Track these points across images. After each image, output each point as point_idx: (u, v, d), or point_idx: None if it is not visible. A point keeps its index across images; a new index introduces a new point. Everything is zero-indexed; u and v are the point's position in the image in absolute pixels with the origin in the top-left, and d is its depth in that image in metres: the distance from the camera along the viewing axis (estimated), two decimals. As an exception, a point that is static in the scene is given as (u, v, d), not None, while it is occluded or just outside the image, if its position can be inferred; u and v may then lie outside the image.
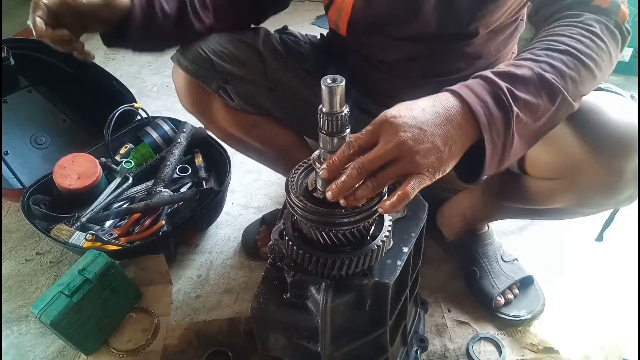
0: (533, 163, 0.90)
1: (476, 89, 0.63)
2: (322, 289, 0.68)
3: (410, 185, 0.59)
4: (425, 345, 1.05)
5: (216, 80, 1.05)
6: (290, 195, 0.65)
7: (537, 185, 0.94)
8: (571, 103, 0.68)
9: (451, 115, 0.61)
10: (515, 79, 0.64)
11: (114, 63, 2.53)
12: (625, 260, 1.28)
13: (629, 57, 1.99)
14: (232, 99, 1.08)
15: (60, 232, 1.30)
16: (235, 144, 1.27)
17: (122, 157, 1.57)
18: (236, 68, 1.06)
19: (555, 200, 0.93)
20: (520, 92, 0.63)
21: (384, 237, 0.69)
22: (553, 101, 0.66)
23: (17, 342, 1.20)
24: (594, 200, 0.86)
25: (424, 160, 0.59)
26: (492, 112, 0.62)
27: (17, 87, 1.67)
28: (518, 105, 0.63)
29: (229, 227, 1.50)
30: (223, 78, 1.05)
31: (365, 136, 0.60)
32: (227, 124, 1.15)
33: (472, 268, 1.20)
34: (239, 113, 1.12)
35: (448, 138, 0.60)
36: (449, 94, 0.63)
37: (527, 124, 0.65)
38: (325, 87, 0.56)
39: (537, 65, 0.66)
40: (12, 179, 1.55)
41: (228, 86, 1.06)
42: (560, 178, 0.87)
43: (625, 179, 0.79)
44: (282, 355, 0.83)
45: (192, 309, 1.25)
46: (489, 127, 0.61)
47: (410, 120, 0.59)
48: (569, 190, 0.87)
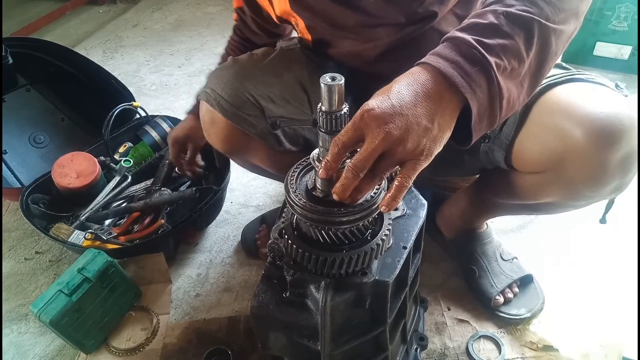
0: (519, 157, 0.91)
1: (444, 52, 0.62)
2: (322, 287, 0.68)
3: (405, 175, 0.59)
4: (425, 344, 1.05)
5: (266, 128, 0.96)
6: (290, 194, 0.65)
7: (525, 180, 0.94)
8: (553, 27, 0.64)
9: (428, 89, 0.60)
10: (481, 27, 0.62)
11: (113, 62, 2.53)
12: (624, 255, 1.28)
13: (628, 55, 1.99)
14: (279, 144, 0.99)
15: (59, 230, 1.30)
16: (257, 172, 1.21)
17: (121, 155, 1.57)
18: (284, 109, 0.97)
19: (544, 195, 0.92)
20: (490, 39, 0.61)
21: (384, 236, 0.69)
22: (530, 33, 0.63)
23: (17, 341, 1.20)
24: (580, 192, 0.86)
25: (415, 145, 0.58)
26: (467, 70, 0.60)
27: (16, 86, 1.67)
28: (492, 53, 0.61)
29: (228, 225, 1.50)
30: (273, 124, 0.96)
31: (347, 133, 0.59)
32: (266, 165, 1.07)
33: (471, 267, 1.20)
34: (281, 155, 1.03)
35: (433, 114, 0.59)
36: (420, 68, 0.62)
37: (512, 67, 0.63)
38: (324, 85, 0.56)
39: (501, 4, 0.64)
40: (11, 178, 1.54)
41: (277, 131, 0.97)
42: (546, 172, 0.87)
43: (609, 170, 0.79)
44: (282, 353, 0.83)
45: (192, 307, 1.25)
46: (470, 87, 0.60)
47: (390, 109, 0.58)
48: (555, 183, 0.87)
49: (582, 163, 0.79)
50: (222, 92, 0.94)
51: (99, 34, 2.86)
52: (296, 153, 1.04)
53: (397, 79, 0.62)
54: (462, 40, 0.62)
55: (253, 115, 0.95)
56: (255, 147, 1.01)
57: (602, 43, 2.02)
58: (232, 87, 0.94)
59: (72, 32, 2.90)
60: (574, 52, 2.10)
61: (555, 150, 0.81)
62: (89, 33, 2.88)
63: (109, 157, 1.53)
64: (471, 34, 0.62)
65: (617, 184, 0.83)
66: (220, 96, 0.94)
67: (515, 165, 0.93)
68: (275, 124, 0.96)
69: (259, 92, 0.95)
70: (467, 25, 0.64)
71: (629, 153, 0.78)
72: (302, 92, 1.01)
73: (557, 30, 0.66)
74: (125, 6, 3.20)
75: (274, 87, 0.97)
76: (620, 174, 0.80)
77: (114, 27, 2.94)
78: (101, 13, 3.15)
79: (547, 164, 0.85)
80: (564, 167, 0.82)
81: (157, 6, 3.16)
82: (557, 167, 0.83)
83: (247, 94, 0.94)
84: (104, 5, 3.22)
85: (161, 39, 2.75)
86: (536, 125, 0.85)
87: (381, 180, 0.60)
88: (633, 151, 0.78)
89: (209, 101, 0.96)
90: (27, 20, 2.74)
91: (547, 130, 0.82)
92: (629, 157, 0.78)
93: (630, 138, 0.76)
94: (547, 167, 0.85)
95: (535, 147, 0.85)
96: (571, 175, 0.82)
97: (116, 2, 3.25)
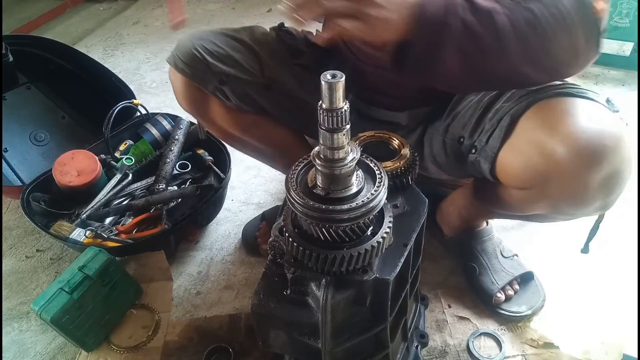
0: (503, 172, 0.90)
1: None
2: (323, 285, 0.68)
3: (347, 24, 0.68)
4: (425, 341, 1.05)
5: (213, 82, 1.05)
6: (291, 192, 0.65)
7: (512, 194, 0.95)
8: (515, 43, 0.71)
9: None
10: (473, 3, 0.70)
11: (113, 59, 2.53)
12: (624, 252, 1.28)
13: (630, 51, 1.98)
14: (229, 99, 1.08)
15: (60, 228, 1.30)
16: (234, 142, 1.27)
17: (121, 153, 1.57)
18: (232, 68, 1.05)
19: (530, 208, 0.93)
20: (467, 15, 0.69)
21: (384, 234, 0.69)
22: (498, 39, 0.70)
23: (18, 339, 1.21)
24: (564, 209, 0.86)
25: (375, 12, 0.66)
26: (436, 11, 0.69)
27: (16, 83, 1.67)
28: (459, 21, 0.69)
29: (229, 223, 1.50)
30: (219, 79, 1.04)
31: None
32: (226, 124, 1.14)
33: (472, 264, 1.20)
34: (236, 113, 1.11)
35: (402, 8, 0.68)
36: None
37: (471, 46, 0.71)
38: (325, 83, 0.56)
39: None
40: (12, 176, 1.55)
41: (225, 87, 1.05)
42: (531, 188, 0.86)
43: (591, 190, 0.79)
44: (283, 351, 0.83)
45: (193, 305, 1.26)
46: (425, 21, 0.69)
47: None
48: (540, 199, 0.87)
49: (564, 182, 0.79)
50: (177, 51, 1.05)
51: (100, 31, 2.86)
52: (254, 114, 1.13)
53: None
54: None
55: (200, 70, 1.04)
56: (212, 104, 1.11)
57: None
58: (184, 45, 1.04)
59: (72, 29, 2.90)
60: (575, 49, 2.09)
61: (537, 167, 0.81)
62: (90, 30, 2.87)
63: (110, 155, 1.53)
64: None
65: (601, 204, 0.83)
66: (176, 55, 1.05)
67: (500, 179, 0.92)
68: (222, 79, 1.05)
69: (206, 49, 1.03)
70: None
71: (611, 173, 0.77)
72: (254, 59, 1.08)
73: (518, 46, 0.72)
74: (126, 3, 3.20)
75: (223, 47, 1.05)
76: (602, 194, 0.80)
77: (115, 24, 2.93)
78: (101, 10, 3.15)
79: (530, 180, 0.84)
80: (546, 184, 0.82)
81: (157, 3, 3.15)
82: (540, 185, 0.83)
83: (195, 51, 1.03)
84: (104, 3, 3.22)
85: (162, 36, 2.74)
86: (521, 140, 0.85)
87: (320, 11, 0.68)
88: (616, 172, 0.77)
89: (169, 61, 1.07)
90: (27, 17, 2.75)
91: (531, 146, 0.81)
92: (612, 178, 0.78)
93: (612, 159, 0.75)
94: (530, 183, 0.85)
95: (519, 162, 0.84)
96: (554, 194, 0.82)
97: (116, 0, 3.24)
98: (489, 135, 0.90)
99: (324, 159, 0.62)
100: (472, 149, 0.95)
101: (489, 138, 0.90)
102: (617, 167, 0.77)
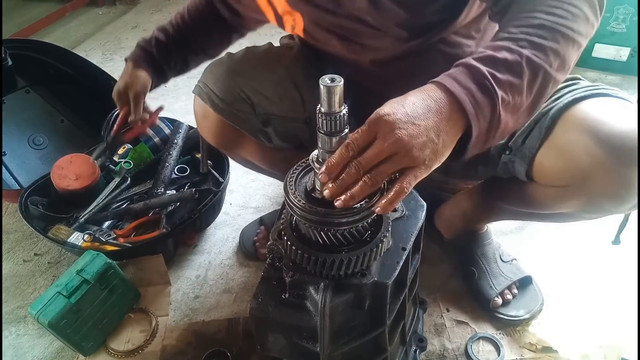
0: (542, 171, 0.90)
1: (460, 77, 0.64)
2: (321, 288, 0.68)
3: (406, 180, 0.60)
4: (424, 345, 1.05)
5: (256, 124, 0.97)
6: (289, 196, 0.66)
7: (544, 192, 0.94)
8: (554, 76, 0.68)
9: (441, 107, 0.62)
10: (496, 62, 0.65)
11: (112, 63, 2.53)
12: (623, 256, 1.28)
13: (627, 56, 1.99)
14: (270, 141, 1.01)
15: (58, 231, 1.30)
16: (254, 169, 1.22)
17: (120, 157, 1.56)
18: (276, 107, 0.98)
19: (561, 206, 0.93)
20: (502, 74, 0.64)
21: (383, 237, 0.69)
22: (535, 77, 0.66)
23: (15, 343, 1.20)
24: (601, 206, 0.86)
25: (420, 154, 0.60)
26: (477, 98, 0.62)
27: (15, 87, 1.67)
28: (501, 87, 0.64)
29: (227, 227, 1.50)
30: (263, 120, 0.97)
31: (362, 136, 0.60)
32: (257, 160, 1.09)
33: (471, 268, 1.20)
34: (271, 150, 1.05)
35: (440, 130, 0.61)
36: (435, 86, 0.64)
37: (514, 104, 0.66)
38: (324, 86, 0.56)
39: (515, 44, 0.66)
40: (10, 180, 1.54)
41: (268, 128, 0.98)
42: (569, 186, 0.87)
43: (633, 187, 0.79)
44: (281, 355, 0.83)
45: (191, 309, 1.25)
46: (476, 114, 0.62)
47: (404, 116, 0.60)
48: (576, 196, 0.87)
49: (607, 180, 0.80)
50: (213, 87, 0.97)
51: (99, 35, 2.86)
52: (288, 150, 1.06)
53: (411, 92, 0.64)
54: (476, 69, 0.64)
55: (244, 111, 0.96)
56: (246, 143, 1.04)
57: (600, 45, 2.02)
58: (223, 82, 0.96)
59: (71, 33, 2.90)
60: (572, 54, 2.10)
61: (579, 166, 0.81)
62: (89, 35, 2.88)
63: (108, 159, 1.53)
64: (486, 65, 0.64)
65: (637, 201, 0.83)
66: (212, 91, 0.96)
67: (535, 178, 0.93)
68: (266, 120, 0.98)
69: (250, 88, 0.96)
70: (483, 56, 0.66)
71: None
72: (295, 91, 1.02)
73: (556, 79, 0.69)
74: (125, 8, 3.20)
75: (266, 83, 0.98)
76: None
77: (114, 28, 2.94)
78: (100, 15, 3.15)
79: (570, 179, 0.85)
80: (588, 182, 0.82)
81: (156, 8, 3.16)
82: (581, 183, 0.83)
83: (239, 90, 0.96)
84: (104, 7, 3.22)
85: (160, 40, 2.75)
86: (561, 140, 0.85)
87: (376, 186, 0.61)
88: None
89: (201, 95, 0.98)
90: (26, 22, 2.74)
91: (572, 145, 0.82)
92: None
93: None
94: (570, 182, 0.86)
95: (560, 162, 0.85)
96: (595, 190, 0.83)
97: (115, 4, 3.25)
98: (525, 136, 0.90)
99: (322, 162, 0.62)
100: (505, 150, 0.95)
101: (525, 139, 0.91)
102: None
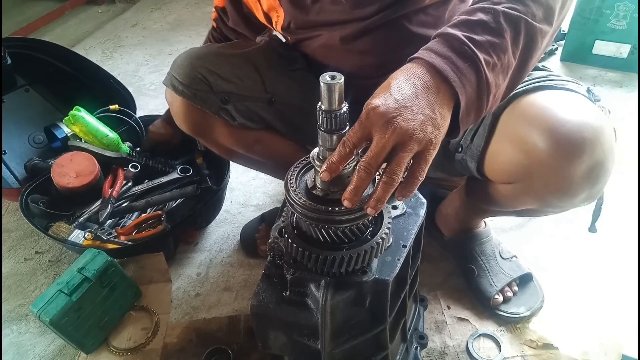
0: (490, 168, 0.91)
1: (437, 48, 0.64)
2: (322, 286, 0.68)
3: (418, 167, 0.60)
4: (424, 342, 1.05)
5: (216, 102, 1.02)
6: (290, 193, 0.66)
7: (499, 190, 0.95)
8: (539, 27, 0.67)
9: (426, 82, 0.62)
10: (471, 24, 0.64)
11: (112, 62, 2.52)
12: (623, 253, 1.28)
13: (627, 53, 1.99)
14: (233, 119, 1.05)
15: (59, 229, 1.30)
16: (237, 159, 1.25)
17: None
18: (234, 86, 1.03)
19: (519, 203, 0.93)
20: (479, 35, 0.63)
21: (384, 234, 0.69)
22: (518, 32, 0.65)
23: (17, 341, 1.20)
24: (552, 202, 0.86)
25: (424, 134, 0.59)
26: (459, 65, 0.62)
27: (15, 86, 1.67)
28: (481, 49, 0.63)
29: (228, 225, 1.50)
30: (222, 99, 1.02)
31: (357, 133, 0.60)
32: (230, 143, 1.12)
33: (470, 266, 1.20)
34: (240, 131, 1.09)
35: (433, 103, 0.61)
36: (414, 63, 0.64)
37: (501, 64, 0.65)
38: (324, 84, 0.56)
39: (490, 2, 0.66)
40: (11, 178, 1.54)
41: (228, 106, 1.03)
42: (516, 183, 0.87)
43: (575, 182, 0.79)
44: (282, 352, 0.83)
45: (192, 307, 1.25)
46: (460, 81, 0.62)
47: (394, 103, 0.59)
48: (526, 193, 0.87)
49: (548, 175, 0.79)
50: (175, 73, 1.02)
51: (98, 33, 2.86)
52: (256, 130, 1.10)
53: (392, 76, 0.63)
54: (453, 36, 0.64)
55: (202, 91, 1.01)
56: (215, 125, 1.07)
57: (600, 41, 2.02)
58: (182, 66, 1.02)
59: (70, 32, 2.90)
60: (572, 51, 2.10)
61: (521, 162, 0.81)
62: (88, 33, 2.87)
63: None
64: (462, 30, 0.64)
65: (587, 194, 0.83)
66: (174, 77, 1.02)
67: (487, 176, 0.93)
68: (225, 99, 1.02)
69: (206, 69, 1.01)
70: (458, 22, 0.66)
71: (594, 165, 0.77)
72: (255, 73, 1.06)
73: (543, 29, 0.67)
74: (124, 6, 3.20)
75: (224, 66, 1.03)
76: (588, 185, 0.80)
77: (113, 27, 2.93)
78: (100, 13, 3.15)
79: (515, 175, 0.85)
80: (531, 178, 0.82)
81: (156, 6, 3.15)
82: (525, 179, 0.83)
83: (195, 72, 1.00)
84: (103, 5, 3.22)
85: (160, 38, 2.74)
86: (503, 136, 0.85)
87: (396, 183, 0.59)
88: (598, 163, 0.77)
89: (166, 83, 1.04)
90: (25, 20, 2.74)
91: (513, 141, 0.82)
92: (595, 169, 0.78)
93: (593, 150, 0.75)
94: (515, 178, 0.85)
95: (503, 158, 0.85)
96: (539, 187, 0.82)
97: (115, 2, 3.24)
98: (473, 134, 0.90)
99: (323, 160, 0.62)
100: (458, 147, 0.95)
101: (473, 136, 0.91)
102: (599, 158, 0.77)
